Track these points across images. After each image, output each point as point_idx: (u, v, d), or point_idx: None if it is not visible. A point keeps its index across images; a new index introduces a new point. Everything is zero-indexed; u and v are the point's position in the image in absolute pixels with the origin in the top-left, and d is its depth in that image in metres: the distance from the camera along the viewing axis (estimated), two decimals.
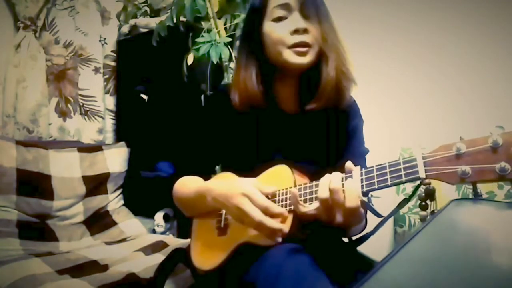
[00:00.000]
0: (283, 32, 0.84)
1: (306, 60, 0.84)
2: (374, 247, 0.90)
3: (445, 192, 1.39)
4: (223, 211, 0.88)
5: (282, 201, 0.76)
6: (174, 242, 1.56)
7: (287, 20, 0.85)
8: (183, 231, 1.76)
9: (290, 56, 0.84)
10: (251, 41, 0.91)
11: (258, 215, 0.71)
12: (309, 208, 0.70)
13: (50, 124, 1.96)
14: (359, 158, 0.91)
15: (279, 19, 0.85)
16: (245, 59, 0.92)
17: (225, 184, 0.79)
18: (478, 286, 0.34)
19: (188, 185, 0.93)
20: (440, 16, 1.55)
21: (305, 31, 0.83)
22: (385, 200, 1.32)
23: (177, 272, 1.19)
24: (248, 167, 0.87)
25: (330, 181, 0.66)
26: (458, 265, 0.39)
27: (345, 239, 0.89)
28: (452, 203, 0.60)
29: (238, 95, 0.90)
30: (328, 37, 0.86)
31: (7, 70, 1.85)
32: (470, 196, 1.33)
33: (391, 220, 1.58)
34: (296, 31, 0.83)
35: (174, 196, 0.96)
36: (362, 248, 0.89)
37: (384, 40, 1.66)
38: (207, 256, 0.87)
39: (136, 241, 1.62)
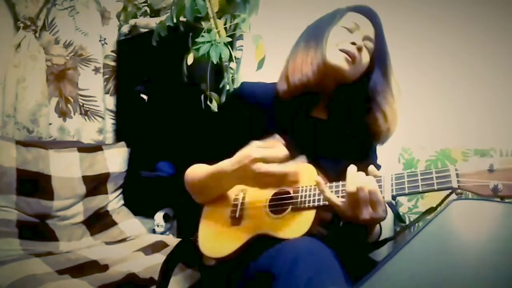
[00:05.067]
0: (343, 37, 0.90)
1: (346, 66, 0.89)
2: None
3: (444, 192, 1.39)
4: (239, 201, 0.89)
5: (306, 197, 0.77)
6: (174, 242, 1.56)
7: (350, 34, 0.91)
8: (183, 231, 1.76)
9: (336, 56, 0.88)
10: (320, 38, 0.93)
11: (277, 169, 0.73)
12: (335, 197, 0.72)
13: (50, 124, 1.96)
14: None
15: (345, 29, 0.92)
16: (307, 48, 0.94)
17: (235, 160, 0.80)
18: (478, 286, 0.34)
19: (201, 170, 0.94)
20: (440, 16, 1.55)
21: (359, 49, 0.89)
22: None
23: (178, 272, 1.19)
24: None
25: (358, 177, 0.69)
26: (458, 265, 0.39)
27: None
28: (452, 203, 0.60)
29: (292, 82, 0.92)
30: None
31: (7, 70, 1.85)
32: (470, 196, 1.33)
33: (391, 220, 1.58)
34: (353, 43, 0.88)
35: (187, 182, 0.97)
36: None
37: (385, 40, 1.66)
38: (218, 245, 0.86)
39: (136, 241, 1.62)
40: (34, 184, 1.57)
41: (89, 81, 2.05)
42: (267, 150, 0.75)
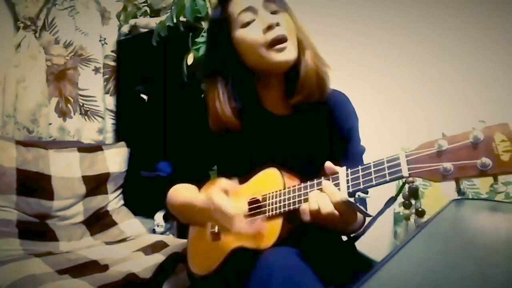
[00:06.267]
0: (256, 33, 0.82)
1: (288, 56, 0.82)
2: (374, 247, 0.90)
3: (444, 192, 1.39)
4: None
5: (272, 204, 0.76)
6: (174, 242, 1.56)
7: (256, 22, 0.83)
8: (183, 231, 1.75)
9: (272, 56, 0.81)
10: (224, 56, 0.88)
11: (233, 226, 0.69)
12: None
13: (50, 124, 1.96)
14: (357, 158, 0.90)
15: (248, 24, 0.83)
16: (214, 81, 0.89)
17: (203, 200, 0.77)
18: (477, 285, 0.34)
19: (179, 195, 0.92)
20: (440, 16, 1.55)
21: (277, 24, 0.81)
22: (384, 198, 1.32)
23: (176, 272, 1.19)
24: (242, 172, 0.87)
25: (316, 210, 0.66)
26: (457, 264, 0.39)
27: (342, 239, 0.90)
28: (451, 203, 0.60)
29: (212, 122, 0.89)
30: (299, 25, 0.86)
31: (7, 70, 1.85)
32: (470, 196, 1.33)
33: (391, 220, 1.58)
34: (269, 28, 0.80)
35: (167, 203, 0.96)
36: (362, 248, 0.89)
37: (384, 40, 1.66)
38: (202, 262, 0.87)
39: (136, 241, 1.61)
40: (34, 184, 1.57)
41: (89, 81, 2.05)
42: (227, 201, 0.70)
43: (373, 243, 0.87)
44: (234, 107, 0.87)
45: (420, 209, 1.34)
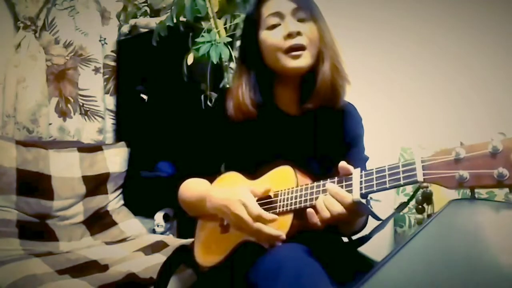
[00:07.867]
0: (277, 38, 0.86)
1: (302, 63, 0.85)
2: (374, 247, 0.90)
3: (444, 193, 1.39)
4: None
5: (283, 201, 0.77)
6: (174, 242, 1.56)
7: (280, 26, 0.87)
8: (183, 231, 1.76)
9: (287, 61, 0.85)
10: (249, 51, 0.93)
11: (255, 223, 0.71)
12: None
13: (50, 124, 1.96)
14: (360, 164, 0.90)
15: (273, 27, 0.87)
16: (241, 70, 0.94)
17: (224, 192, 0.80)
18: (478, 286, 0.34)
19: (191, 188, 0.94)
20: (441, 16, 1.55)
21: (298, 33, 0.85)
22: (386, 200, 1.32)
23: (177, 272, 1.19)
24: (252, 169, 0.88)
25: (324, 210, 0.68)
26: (458, 265, 0.39)
27: (345, 240, 0.90)
28: (451, 203, 0.60)
29: (233, 108, 0.92)
30: (325, 36, 0.89)
31: (7, 70, 1.85)
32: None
33: (391, 220, 1.58)
34: (289, 35, 0.84)
35: (179, 198, 0.97)
36: (362, 248, 0.89)
37: (385, 40, 1.66)
38: (209, 253, 0.88)
39: (136, 241, 1.62)
40: (34, 184, 1.57)
41: (89, 81, 2.05)
42: (254, 205, 0.72)
43: (373, 243, 0.86)
44: (252, 99, 0.91)
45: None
